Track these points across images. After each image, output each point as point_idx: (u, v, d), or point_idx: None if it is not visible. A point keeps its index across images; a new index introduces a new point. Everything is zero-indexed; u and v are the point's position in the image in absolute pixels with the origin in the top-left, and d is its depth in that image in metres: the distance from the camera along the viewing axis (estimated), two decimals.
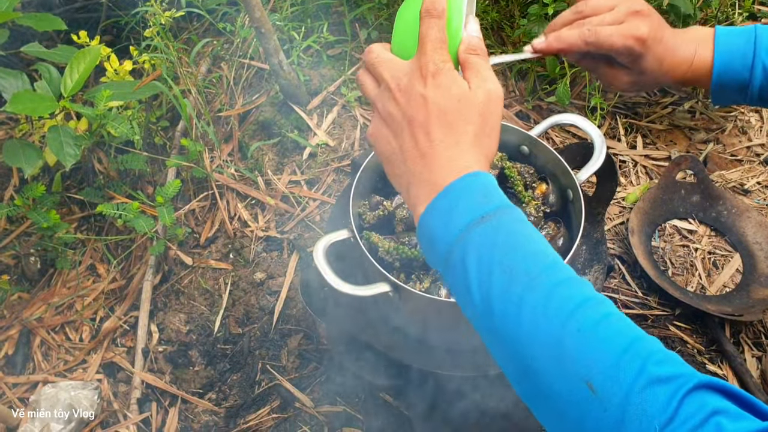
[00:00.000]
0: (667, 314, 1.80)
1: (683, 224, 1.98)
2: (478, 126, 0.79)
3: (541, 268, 0.69)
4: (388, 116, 0.82)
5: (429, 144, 0.78)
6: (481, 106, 0.79)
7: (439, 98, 0.78)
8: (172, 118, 2.31)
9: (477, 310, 0.71)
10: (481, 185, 0.76)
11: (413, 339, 1.31)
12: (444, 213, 0.75)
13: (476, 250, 0.71)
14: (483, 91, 0.80)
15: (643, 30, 1.00)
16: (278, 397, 1.71)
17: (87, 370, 1.83)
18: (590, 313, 0.65)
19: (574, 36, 1.03)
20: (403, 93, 0.80)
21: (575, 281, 0.69)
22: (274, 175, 2.12)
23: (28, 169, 1.74)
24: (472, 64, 0.82)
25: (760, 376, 1.67)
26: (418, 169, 0.79)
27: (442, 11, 0.81)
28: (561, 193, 1.35)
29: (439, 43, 0.80)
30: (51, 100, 1.80)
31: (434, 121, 0.78)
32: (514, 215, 0.74)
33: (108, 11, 2.57)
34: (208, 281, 1.94)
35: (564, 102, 2.05)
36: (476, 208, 0.74)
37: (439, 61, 0.79)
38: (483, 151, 0.80)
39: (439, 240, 0.75)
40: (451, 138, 0.78)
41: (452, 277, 0.75)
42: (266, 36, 1.97)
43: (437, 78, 0.79)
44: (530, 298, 0.67)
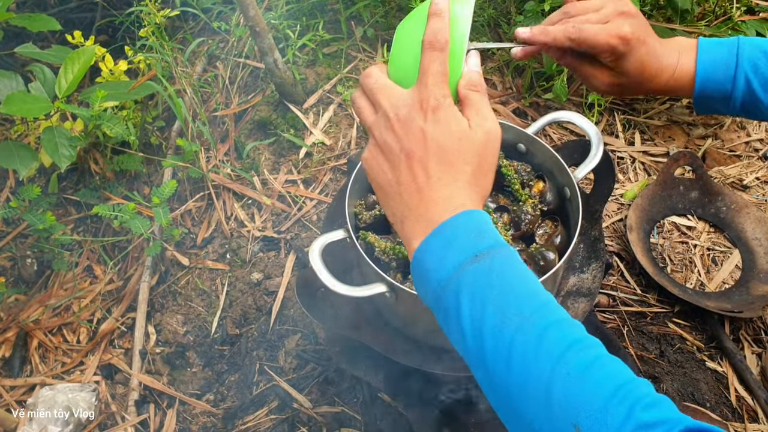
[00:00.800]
0: (666, 311, 1.79)
1: (682, 221, 1.97)
2: (476, 166, 0.80)
3: (533, 309, 0.69)
4: (385, 145, 0.81)
5: (426, 180, 0.78)
6: (479, 146, 0.80)
7: (439, 135, 0.78)
8: (167, 118, 2.30)
9: (469, 347, 0.72)
10: (475, 223, 0.76)
11: (411, 339, 1.30)
12: (438, 250, 0.76)
13: (469, 288, 0.72)
14: (482, 131, 0.80)
15: (626, 29, 1.00)
16: (276, 397, 1.71)
17: (84, 372, 1.82)
18: (580, 356, 0.65)
19: (558, 31, 1.03)
20: (402, 124, 0.80)
21: (566, 323, 0.69)
22: (270, 175, 2.11)
23: (23, 171, 1.73)
24: (472, 101, 0.82)
25: (760, 372, 1.67)
26: (414, 204, 0.79)
27: (445, 44, 0.80)
28: (558, 191, 1.35)
29: (441, 76, 0.79)
30: (45, 101, 1.79)
31: (433, 157, 0.78)
32: (508, 254, 0.75)
33: (103, 11, 2.56)
34: (205, 282, 1.93)
35: (561, 99, 2.04)
36: (470, 246, 0.74)
37: (440, 95, 0.79)
38: (479, 190, 0.81)
39: (433, 277, 0.75)
40: (449, 176, 0.78)
41: (444, 314, 0.75)
42: (261, 35, 1.96)
43: (437, 113, 0.78)
44: (521, 339, 0.67)
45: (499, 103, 2.22)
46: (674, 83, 1.05)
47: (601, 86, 1.08)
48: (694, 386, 1.64)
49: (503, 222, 1.31)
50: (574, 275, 1.39)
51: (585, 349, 0.66)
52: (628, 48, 1.01)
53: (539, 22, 1.94)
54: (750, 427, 1.58)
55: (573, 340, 0.67)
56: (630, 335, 1.74)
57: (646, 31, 1.03)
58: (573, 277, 1.39)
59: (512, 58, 1.11)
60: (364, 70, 0.87)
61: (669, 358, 1.69)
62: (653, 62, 1.03)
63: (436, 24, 0.81)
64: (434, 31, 0.80)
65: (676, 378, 1.65)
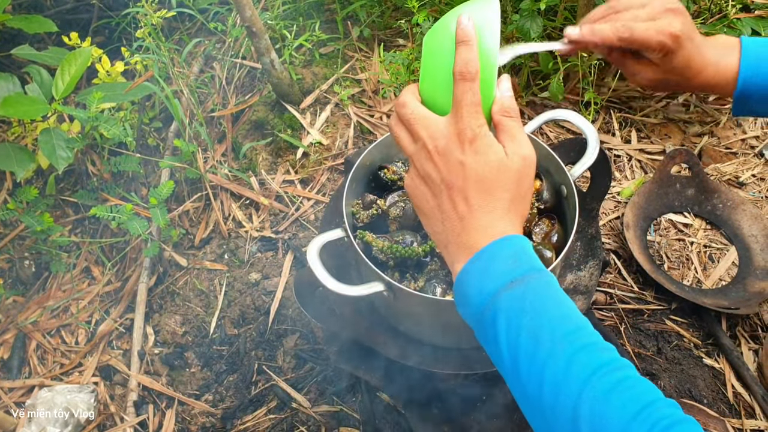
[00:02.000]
0: (663, 308, 1.80)
1: (678, 218, 1.98)
2: (514, 192, 0.82)
3: (564, 333, 0.72)
4: (427, 176, 0.84)
5: (468, 209, 0.81)
6: (516, 173, 0.82)
7: (478, 165, 0.80)
8: (164, 119, 2.30)
9: (507, 369, 0.75)
10: (512, 250, 0.79)
11: (409, 338, 1.30)
12: (477, 276, 0.79)
13: (505, 314, 0.74)
14: (519, 158, 0.82)
15: (677, 26, 0.98)
16: (275, 397, 1.71)
17: (83, 373, 1.82)
18: (606, 379, 0.67)
19: (607, 30, 1.01)
20: (441, 156, 0.82)
21: (596, 346, 0.71)
22: (267, 175, 2.11)
23: (20, 173, 1.73)
24: (506, 128, 0.83)
25: (757, 369, 1.67)
26: (457, 231, 0.82)
27: (476, 73, 0.81)
28: (555, 189, 1.35)
29: (475, 107, 0.81)
30: (43, 103, 1.79)
31: (472, 186, 0.81)
32: (543, 279, 0.77)
33: (99, 12, 2.56)
34: (203, 282, 1.93)
35: (557, 97, 2.04)
36: (506, 273, 0.77)
37: (476, 126, 0.81)
38: (518, 214, 0.83)
39: (473, 301, 0.78)
40: (489, 204, 0.81)
41: (484, 336, 0.78)
42: (258, 35, 1.96)
43: (474, 144, 0.80)
44: (552, 362, 0.70)
45: None
46: (715, 81, 1.04)
47: (645, 81, 1.07)
48: (692, 383, 1.65)
49: None
50: (572, 273, 1.39)
51: (612, 371, 0.68)
52: (678, 45, 0.99)
53: (535, 21, 1.96)
54: (747, 423, 1.58)
55: (601, 363, 0.69)
56: (627, 332, 1.74)
57: (692, 28, 1.02)
58: (570, 275, 1.39)
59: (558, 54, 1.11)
60: (398, 98, 0.88)
61: (666, 355, 1.70)
62: (697, 59, 1.02)
63: (465, 54, 0.82)
64: (465, 61, 0.81)
65: (673, 375, 1.66)
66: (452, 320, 1.20)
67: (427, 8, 2.24)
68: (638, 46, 1.00)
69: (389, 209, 1.31)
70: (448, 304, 1.15)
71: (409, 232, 1.28)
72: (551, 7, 2.20)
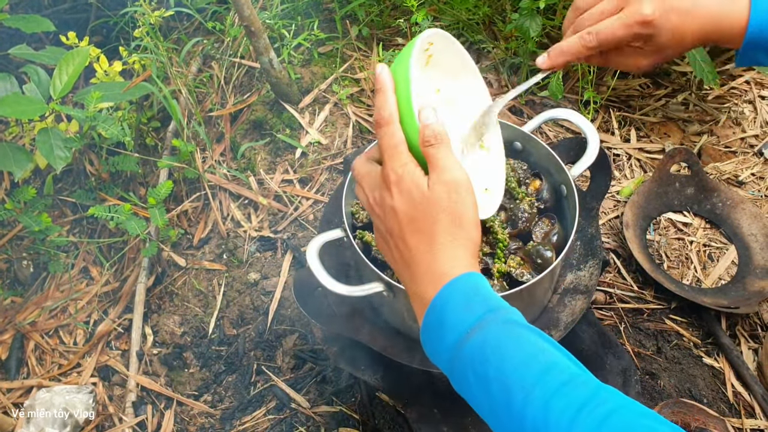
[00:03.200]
0: (662, 308, 1.79)
1: (678, 217, 1.98)
2: (447, 222, 0.80)
3: (534, 378, 0.68)
4: (377, 229, 0.86)
5: (409, 254, 0.81)
6: (442, 201, 0.80)
7: (405, 206, 0.80)
8: (163, 119, 2.30)
9: (489, 420, 0.73)
10: (461, 294, 0.76)
11: (409, 338, 1.30)
12: (435, 330, 0.77)
13: (471, 367, 0.72)
14: (441, 185, 0.80)
15: (646, 10, 0.90)
16: (274, 398, 1.71)
17: (81, 373, 1.82)
18: (591, 418, 0.64)
19: (575, 46, 0.96)
20: (380, 207, 0.84)
21: (571, 384, 0.67)
22: (266, 175, 2.10)
23: (18, 173, 1.73)
24: (429, 158, 0.82)
25: (757, 368, 1.67)
26: (408, 279, 0.82)
27: (389, 116, 0.82)
28: (555, 189, 1.35)
29: (394, 149, 0.81)
30: (40, 103, 1.78)
31: (407, 229, 0.81)
32: (500, 319, 0.74)
33: (97, 11, 2.56)
34: (202, 282, 1.93)
35: (557, 96, 2.04)
36: (460, 323, 0.74)
37: (398, 167, 0.81)
38: (460, 242, 0.80)
39: (439, 356, 0.78)
40: (424, 243, 0.80)
41: (460, 388, 0.76)
42: (256, 34, 1.95)
43: (400, 185, 0.81)
44: (530, 412, 0.67)
45: None
46: (718, 35, 0.93)
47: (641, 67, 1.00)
48: (691, 382, 1.65)
49: (500, 220, 1.31)
50: (571, 273, 1.39)
51: (595, 408, 0.64)
52: (653, 28, 0.91)
53: (535, 20, 1.95)
54: (747, 423, 1.58)
55: (580, 403, 0.65)
56: (627, 332, 1.74)
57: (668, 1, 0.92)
58: (570, 275, 1.39)
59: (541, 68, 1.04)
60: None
61: (666, 355, 1.70)
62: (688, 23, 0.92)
63: (378, 101, 0.83)
64: (378, 108, 0.83)
65: (673, 374, 1.66)
66: None
67: (426, 7, 2.23)
68: (612, 45, 0.95)
69: None
70: None
71: None
72: (550, 6, 2.20)
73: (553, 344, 0.73)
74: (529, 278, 1.22)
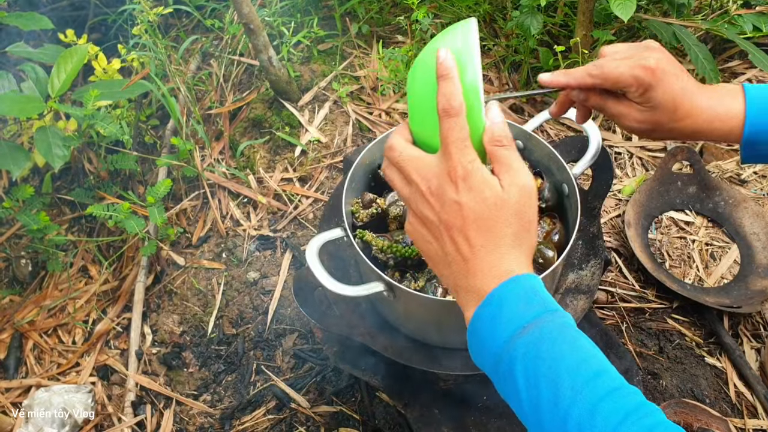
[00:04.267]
0: (665, 307, 1.78)
1: (680, 216, 1.97)
2: (517, 226, 0.78)
3: (585, 380, 0.68)
4: (425, 218, 0.81)
5: (470, 250, 0.78)
6: (516, 205, 0.78)
7: (474, 203, 0.77)
8: (161, 117, 2.29)
9: (529, 419, 0.71)
10: (522, 291, 0.75)
11: (409, 338, 1.29)
12: (488, 322, 0.75)
13: (522, 362, 0.71)
14: (516, 189, 0.78)
15: (651, 61, 0.95)
16: (273, 397, 1.70)
17: (80, 373, 1.81)
18: (635, 428, 0.64)
19: (579, 71, 0.99)
20: (436, 198, 0.79)
21: (619, 392, 0.67)
22: (265, 173, 2.09)
23: (15, 172, 1.72)
24: (499, 158, 0.80)
25: (759, 368, 1.66)
26: (463, 274, 0.79)
27: (460, 106, 0.78)
28: (556, 188, 1.34)
29: (463, 142, 0.78)
30: (38, 101, 1.77)
31: (472, 226, 0.78)
32: (557, 321, 0.74)
33: (95, 9, 2.54)
34: (201, 281, 1.92)
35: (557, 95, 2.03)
36: (518, 317, 0.73)
37: (467, 162, 0.77)
38: (524, 248, 0.79)
39: (487, 349, 0.75)
40: (491, 243, 0.78)
41: (503, 384, 0.75)
42: (255, 32, 1.94)
43: (468, 181, 0.77)
44: (576, 413, 0.66)
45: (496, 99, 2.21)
46: (714, 127, 0.99)
47: (633, 123, 1.02)
48: (694, 382, 1.64)
49: None
50: (573, 272, 1.38)
51: (641, 419, 0.65)
52: (654, 78, 0.95)
53: (535, 18, 1.94)
54: (749, 423, 1.57)
55: (627, 411, 0.65)
56: (629, 331, 1.73)
57: (674, 66, 0.98)
58: (572, 275, 1.38)
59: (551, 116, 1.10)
60: (387, 141, 0.85)
61: (668, 354, 1.69)
62: (686, 100, 0.97)
63: (446, 88, 0.79)
64: (446, 96, 0.78)
65: (675, 374, 1.65)
66: (452, 320, 1.19)
67: (426, 4, 2.22)
68: (612, 82, 0.97)
69: (389, 208, 1.30)
70: (448, 305, 1.14)
71: None
72: (551, 4, 2.19)
73: (602, 354, 0.73)
74: None
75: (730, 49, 2.29)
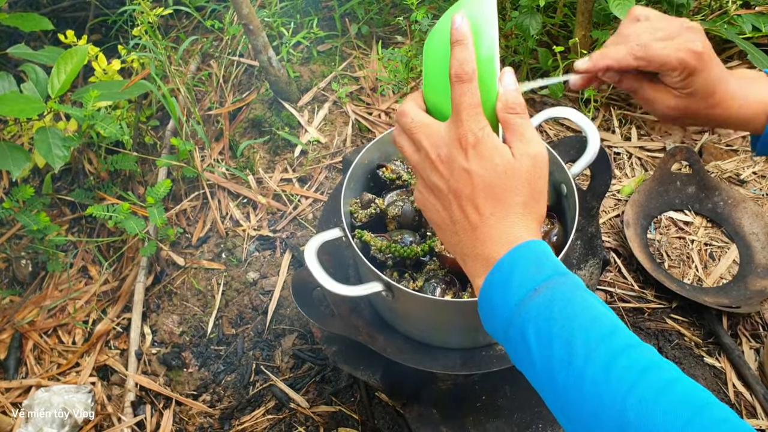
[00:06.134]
0: (663, 307, 1.79)
1: (679, 216, 1.97)
2: (527, 195, 0.78)
3: (599, 337, 0.67)
4: (434, 186, 0.81)
5: (479, 217, 0.77)
6: (527, 174, 0.77)
7: (484, 171, 0.76)
8: (161, 118, 2.29)
9: (541, 381, 0.71)
10: (532, 256, 0.75)
11: (408, 338, 1.29)
12: (499, 287, 0.75)
13: (534, 323, 0.70)
14: (528, 158, 0.77)
15: (698, 44, 0.90)
16: (273, 397, 1.70)
17: (80, 373, 1.81)
18: (652, 383, 0.63)
19: (621, 51, 0.93)
20: (446, 165, 0.79)
21: (635, 348, 0.67)
22: (265, 174, 2.10)
23: (16, 172, 1.72)
24: (512, 126, 0.79)
25: (758, 368, 1.66)
26: (471, 242, 0.78)
27: (473, 72, 0.77)
28: (555, 188, 1.34)
29: (474, 109, 0.77)
30: (38, 102, 1.78)
31: (481, 194, 0.77)
32: (568, 282, 0.73)
33: (95, 10, 2.55)
34: (201, 282, 1.92)
35: (557, 95, 2.03)
36: (529, 280, 0.73)
37: (477, 129, 0.76)
38: (533, 217, 0.79)
39: (498, 314, 0.75)
40: (501, 211, 0.77)
41: (513, 349, 0.74)
42: (255, 33, 1.95)
43: (478, 148, 0.76)
44: (591, 370, 0.66)
45: None
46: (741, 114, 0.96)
47: (665, 110, 0.97)
48: None
49: None
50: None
51: (657, 373, 0.64)
52: (701, 64, 0.91)
53: (535, 18, 1.94)
54: (748, 423, 1.57)
55: (644, 365, 0.64)
56: None
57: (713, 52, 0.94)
58: None
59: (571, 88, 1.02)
60: (399, 107, 0.84)
61: (667, 354, 1.69)
62: (722, 86, 0.94)
63: (460, 53, 0.78)
64: (459, 61, 0.77)
65: None
66: (451, 320, 1.19)
67: (426, 5, 2.23)
68: (657, 65, 0.92)
69: (388, 208, 1.30)
70: (447, 304, 1.14)
71: (408, 231, 1.27)
72: (550, 4, 2.19)
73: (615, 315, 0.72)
74: None
75: (730, 49, 2.29)
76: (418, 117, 0.82)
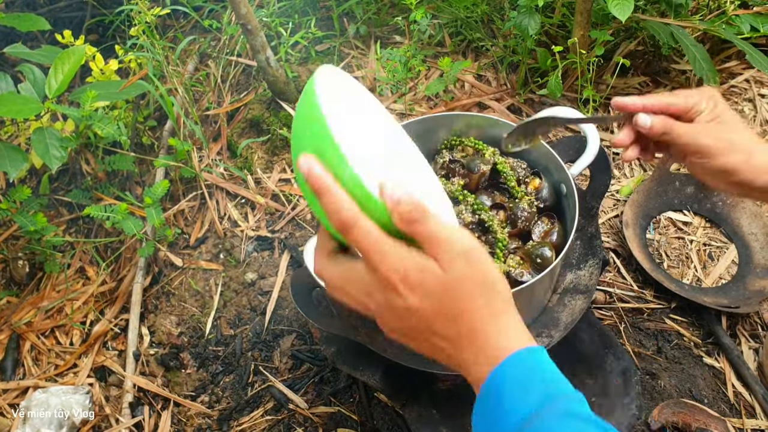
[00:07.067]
0: (663, 307, 1.78)
1: (678, 216, 1.97)
2: (478, 293, 0.69)
3: None
4: (393, 331, 0.74)
5: (450, 344, 0.71)
6: (467, 275, 0.69)
7: (425, 301, 0.68)
8: (159, 118, 2.29)
9: None
10: (518, 375, 0.68)
11: None
12: (490, 419, 0.69)
13: None
14: (457, 260, 0.68)
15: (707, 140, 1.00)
16: (272, 398, 1.69)
17: (78, 374, 1.80)
18: None
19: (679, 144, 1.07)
20: (389, 310, 0.71)
21: None
22: (263, 174, 2.09)
23: (12, 173, 1.71)
24: (422, 237, 0.68)
25: (757, 368, 1.66)
26: (456, 368, 0.73)
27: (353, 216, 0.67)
28: (554, 188, 1.34)
29: (377, 249, 0.67)
30: (36, 102, 1.77)
31: (436, 324, 0.70)
32: (558, 409, 0.66)
33: (93, 10, 2.54)
34: (199, 282, 1.92)
35: (556, 95, 2.03)
36: (516, 410, 0.66)
37: (395, 264, 0.68)
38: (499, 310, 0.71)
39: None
40: (465, 327, 0.70)
41: None
42: (253, 32, 1.94)
43: (407, 282, 0.68)
44: None
45: (494, 99, 2.21)
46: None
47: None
48: (692, 382, 1.64)
49: (500, 219, 1.30)
50: (571, 272, 1.38)
51: None
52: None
53: (533, 18, 1.94)
54: (747, 423, 1.57)
55: None
56: (627, 332, 1.73)
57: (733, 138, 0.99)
58: (570, 275, 1.38)
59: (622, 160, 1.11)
60: (314, 267, 0.77)
61: (666, 355, 1.69)
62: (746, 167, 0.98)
63: (328, 204, 0.67)
64: (332, 213, 0.67)
65: (673, 374, 1.65)
66: None
67: (424, 5, 2.22)
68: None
69: None
70: None
71: None
72: (549, 4, 2.19)
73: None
74: (528, 278, 1.21)
75: (728, 49, 2.29)
76: (334, 270, 0.74)
